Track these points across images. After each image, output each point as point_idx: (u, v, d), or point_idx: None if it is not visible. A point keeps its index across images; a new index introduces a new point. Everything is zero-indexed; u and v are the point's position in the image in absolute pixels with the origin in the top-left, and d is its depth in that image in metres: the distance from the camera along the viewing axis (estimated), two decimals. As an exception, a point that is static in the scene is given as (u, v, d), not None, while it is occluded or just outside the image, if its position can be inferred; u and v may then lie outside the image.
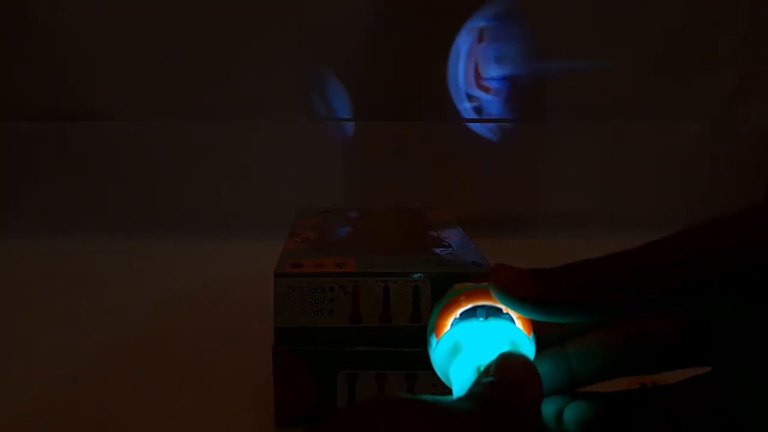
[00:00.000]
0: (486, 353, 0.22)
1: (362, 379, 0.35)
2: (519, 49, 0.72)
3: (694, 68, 0.74)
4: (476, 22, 0.70)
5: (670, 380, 0.24)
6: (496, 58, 0.72)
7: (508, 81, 0.72)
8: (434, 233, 0.44)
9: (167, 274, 0.62)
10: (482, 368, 0.22)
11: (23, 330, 0.51)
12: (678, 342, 0.24)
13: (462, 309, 0.24)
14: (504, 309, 0.23)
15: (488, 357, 0.22)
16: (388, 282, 0.34)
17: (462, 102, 0.73)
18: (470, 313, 0.24)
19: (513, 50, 0.71)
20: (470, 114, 0.73)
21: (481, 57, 0.72)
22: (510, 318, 0.23)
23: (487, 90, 0.72)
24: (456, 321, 0.24)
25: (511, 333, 0.23)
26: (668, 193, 0.77)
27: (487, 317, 0.23)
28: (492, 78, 0.72)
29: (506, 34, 0.71)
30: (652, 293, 0.20)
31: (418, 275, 0.34)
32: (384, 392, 0.35)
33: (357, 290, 0.34)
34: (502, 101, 0.73)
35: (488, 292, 0.23)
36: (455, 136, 0.74)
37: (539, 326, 0.23)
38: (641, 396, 0.24)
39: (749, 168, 0.77)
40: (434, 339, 0.24)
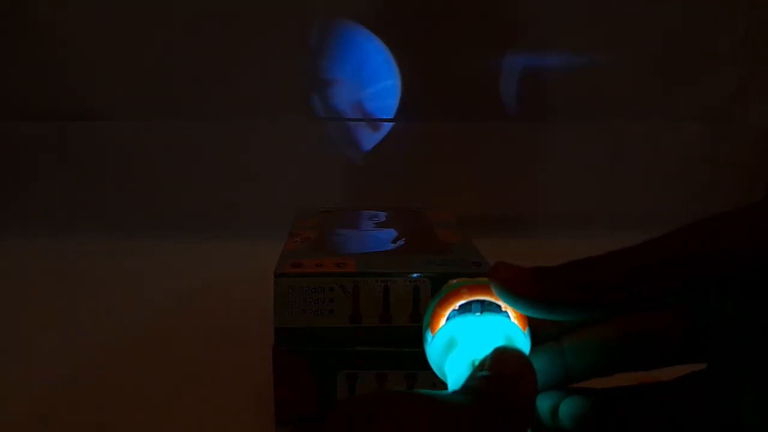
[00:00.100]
0: (481, 348, 0.22)
1: (362, 379, 0.35)
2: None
3: (694, 68, 0.74)
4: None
5: (666, 377, 0.24)
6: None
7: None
8: (434, 233, 0.44)
9: (167, 274, 0.62)
10: (477, 363, 0.22)
11: (23, 330, 0.51)
12: (678, 341, 0.24)
13: (457, 304, 0.24)
14: (503, 306, 0.23)
15: (483, 351, 0.22)
16: (388, 282, 0.34)
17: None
18: (465, 308, 0.24)
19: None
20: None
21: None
22: (505, 313, 0.23)
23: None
24: (451, 316, 0.24)
25: (506, 327, 0.23)
26: (668, 193, 0.77)
27: (482, 312, 0.24)
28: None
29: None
30: (652, 292, 0.20)
31: (418, 275, 0.34)
32: (383, 391, 0.35)
33: (357, 290, 0.34)
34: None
35: (483, 287, 0.24)
36: (455, 136, 0.75)
37: (535, 321, 0.23)
38: (638, 392, 0.24)
39: (749, 168, 0.77)
40: (429, 334, 0.24)
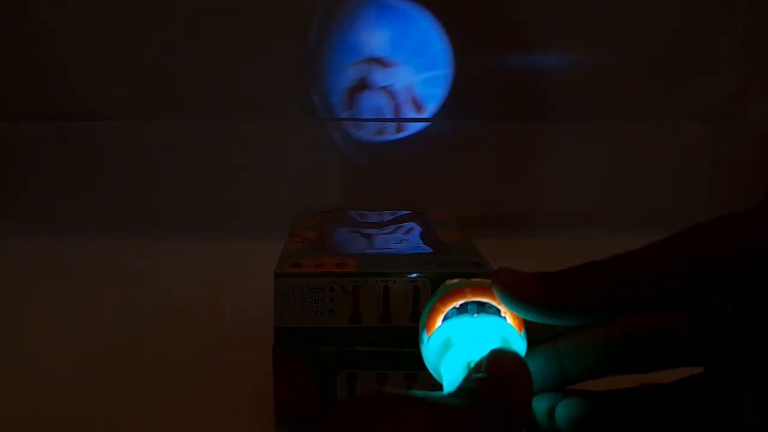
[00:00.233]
0: (477, 349, 0.22)
1: (362, 379, 0.35)
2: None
3: (694, 68, 0.74)
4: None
5: (664, 380, 0.24)
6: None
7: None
8: (434, 233, 0.44)
9: (167, 274, 0.62)
10: (473, 364, 0.22)
11: (23, 330, 0.51)
12: (678, 341, 0.24)
13: (453, 305, 0.24)
14: (499, 307, 0.23)
15: (479, 353, 0.22)
16: (388, 282, 0.34)
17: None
18: (461, 309, 0.24)
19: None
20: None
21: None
22: (500, 314, 0.23)
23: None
24: (447, 317, 0.24)
25: (502, 329, 0.23)
26: (668, 193, 0.77)
27: (479, 313, 0.24)
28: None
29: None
30: (659, 293, 0.20)
31: (418, 275, 0.34)
32: (383, 392, 0.35)
33: (357, 290, 0.34)
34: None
35: (480, 288, 0.23)
36: (455, 136, 0.75)
37: (531, 323, 0.23)
38: (636, 394, 0.24)
39: (749, 168, 0.77)
40: (426, 335, 0.24)
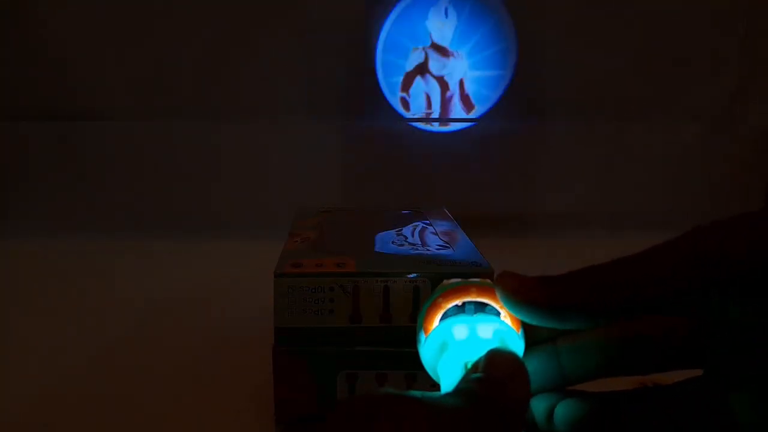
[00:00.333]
0: (474, 349, 0.22)
1: (362, 379, 0.35)
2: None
3: (694, 68, 0.74)
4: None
5: (665, 381, 0.24)
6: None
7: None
8: (434, 233, 0.43)
9: (167, 274, 0.62)
10: (470, 365, 0.22)
11: (23, 330, 0.51)
12: (677, 342, 0.23)
13: (450, 305, 0.24)
14: (496, 307, 0.23)
15: (476, 353, 0.22)
16: (388, 282, 0.34)
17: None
18: (459, 309, 0.24)
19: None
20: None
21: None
22: (498, 314, 0.23)
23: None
24: (445, 316, 0.24)
25: (500, 329, 0.23)
26: (668, 193, 0.77)
27: (476, 313, 0.23)
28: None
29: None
30: (663, 294, 0.20)
31: (418, 275, 0.34)
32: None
33: (357, 290, 0.34)
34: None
35: (477, 288, 0.23)
36: (455, 135, 0.75)
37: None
38: (636, 395, 0.24)
39: (749, 168, 0.77)
40: (423, 335, 0.24)
